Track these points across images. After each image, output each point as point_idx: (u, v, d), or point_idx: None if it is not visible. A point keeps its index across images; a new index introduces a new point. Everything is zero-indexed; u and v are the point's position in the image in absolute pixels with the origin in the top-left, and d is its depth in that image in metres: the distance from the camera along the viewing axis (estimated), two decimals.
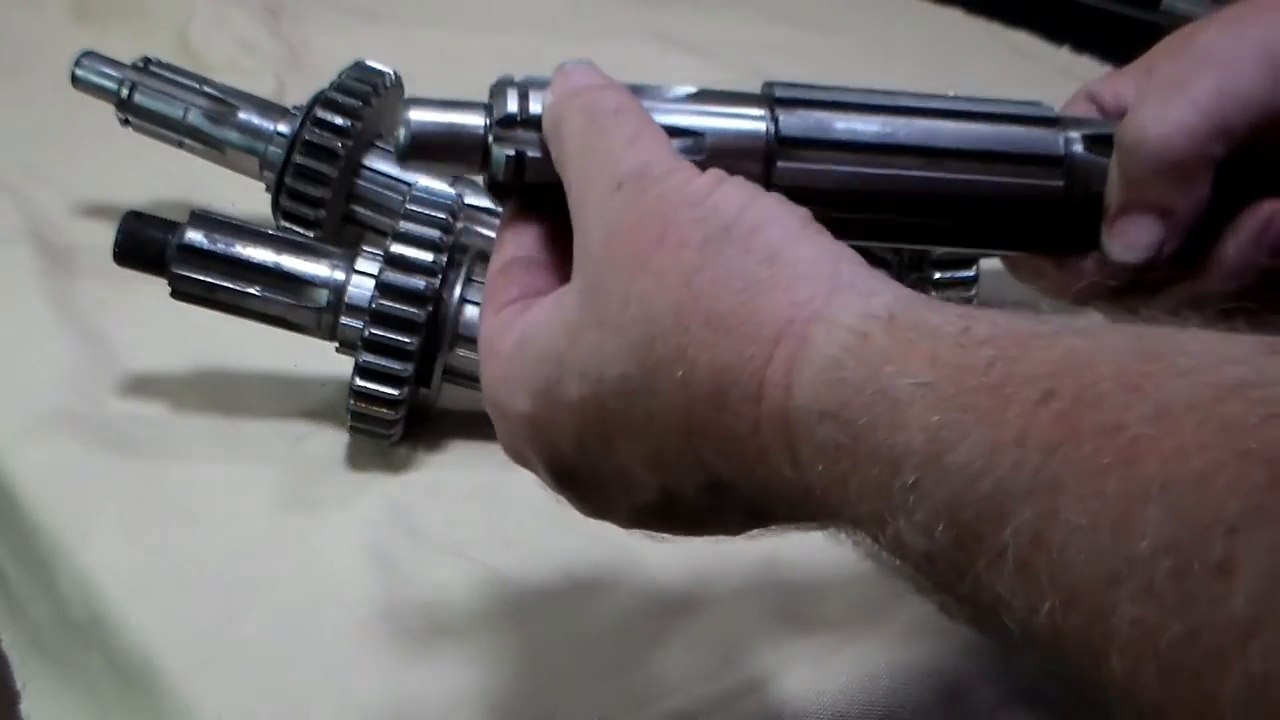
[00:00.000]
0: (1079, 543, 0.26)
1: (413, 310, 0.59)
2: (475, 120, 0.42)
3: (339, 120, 0.72)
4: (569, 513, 0.42)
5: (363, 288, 0.60)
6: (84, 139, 0.86)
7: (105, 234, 0.61)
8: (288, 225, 0.73)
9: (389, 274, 0.59)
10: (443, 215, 0.61)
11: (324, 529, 0.58)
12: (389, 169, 0.75)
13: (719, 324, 0.34)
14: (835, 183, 0.43)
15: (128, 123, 0.78)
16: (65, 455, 0.60)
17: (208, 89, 0.77)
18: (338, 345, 0.62)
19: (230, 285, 0.61)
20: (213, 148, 0.77)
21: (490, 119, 0.42)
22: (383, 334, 0.58)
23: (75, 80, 0.78)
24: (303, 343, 0.63)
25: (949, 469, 0.29)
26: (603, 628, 0.53)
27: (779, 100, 0.43)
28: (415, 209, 0.61)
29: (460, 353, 0.62)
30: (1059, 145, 0.45)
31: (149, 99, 0.77)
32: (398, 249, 0.59)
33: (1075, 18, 1.30)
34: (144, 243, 0.61)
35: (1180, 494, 0.25)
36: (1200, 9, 0.46)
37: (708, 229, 0.35)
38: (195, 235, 0.60)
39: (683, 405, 0.35)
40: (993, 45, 1.25)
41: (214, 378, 0.68)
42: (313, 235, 0.71)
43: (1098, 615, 0.25)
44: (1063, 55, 1.21)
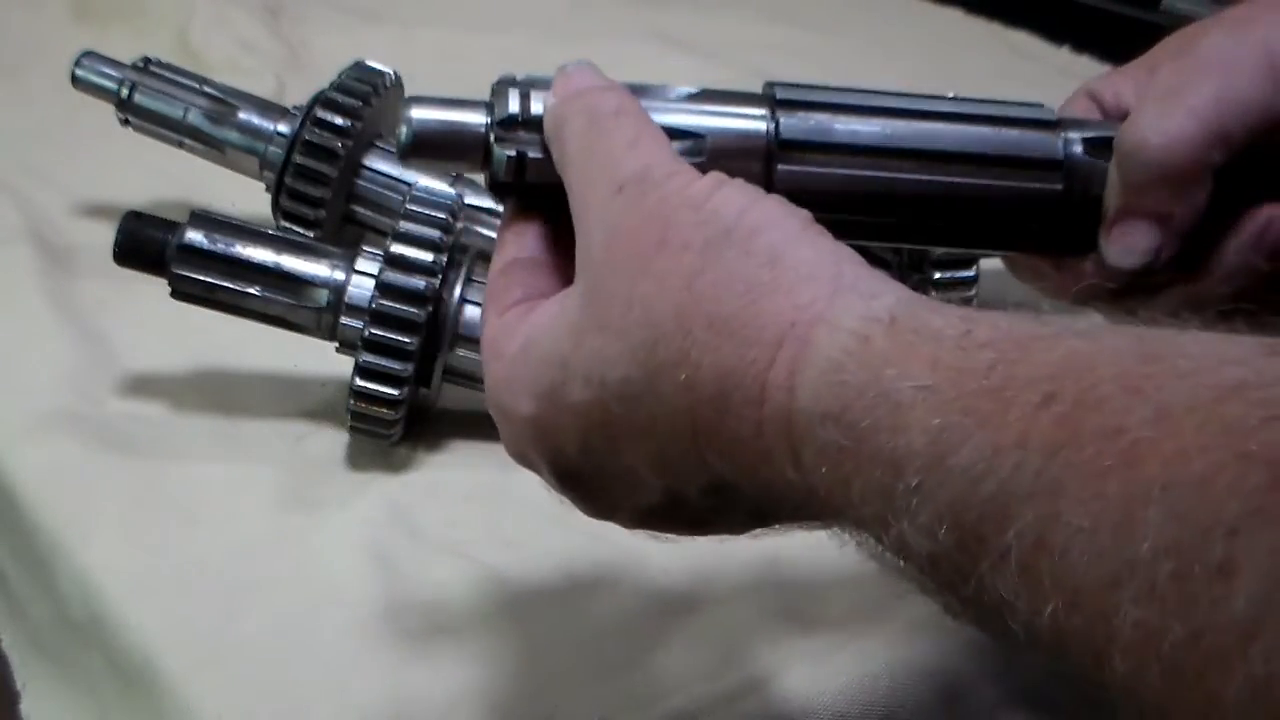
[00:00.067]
0: (1081, 545, 0.26)
1: (413, 310, 0.59)
2: (477, 119, 0.42)
3: (339, 120, 0.72)
4: (569, 512, 0.42)
5: (363, 288, 0.60)
6: (84, 139, 0.86)
7: (105, 234, 0.61)
8: (288, 225, 0.73)
9: (389, 274, 0.59)
10: (443, 215, 0.61)
11: (324, 529, 0.58)
12: (389, 169, 0.75)
13: (721, 327, 0.34)
14: (835, 185, 0.43)
15: (128, 123, 0.78)
16: (65, 455, 0.60)
17: (208, 89, 0.77)
18: (338, 345, 0.62)
19: (230, 285, 0.61)
20: (213, 148, 0.77)
21: (492, 118, 0.42)
22: (383, 334, 0.58)
23: (75, 80, 0.78)
24: (303, 343, 0.63)
25: (951, 471, 0.29)
26: (603, 628, 0.53)
27: (780, 102, 0.43)
28: (415, 209, 0.61)
29: (460, 353, 0.62)
30: (1058, 148, 0.45)
31: (149, 99, 0.77)
32: (398, 249, 0.59)
33: (1075, 18, 1.30)
34: (144, 243, 0.61)
35: (1181, 496, 0.25)
36: (1201, 9, 0.46)
37: (709, 232, 0.35)
38: (195, 235, 0.60)
39: (686, 408, 0.35)
40: (993, 45, 1.25)
41: (214, 378, 0.68)
42: (313, 235, 0.71)
43: (1100, 617, 0.26)
44: (1063, 55, 1.21)
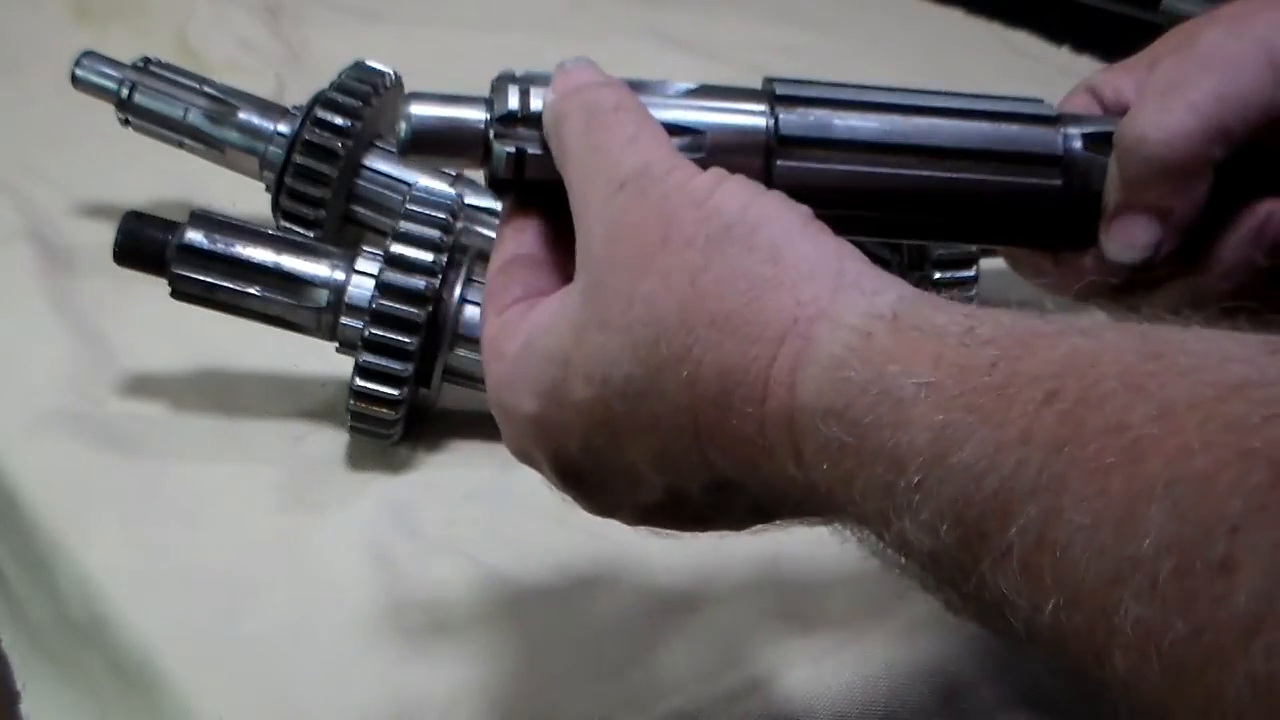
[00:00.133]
0: (1083, 542, 0.26)
1: (413, 310, 0.59)
2: (476, 115, 0.42)
3: (339, 120, 0.72)
4: (569, 511, 0.41)
5: (363, 288, 0.60)
6: (84, 139, 0.86)
7: (105, 234, 0.61)
8: (288, 225, 0.73)
9: (389, 274, 0.59)
10: (443, 215, 0.61)
11: (324, 529, 0.58)
12: (389, 169, 0.75)
13: (724, 324, 0.34)
14: (835, 180, 0.43)
15: (128, 123, 0.78)
16: (65, 455, 0.60)
17: (208, 89, 0.77)
18: (338, 345, 0.62)
19: (230, 285, 0.61)
20: (213, 148, 0.77)
21: (491, 114, 0.42)
22: (383, 334, 0.58)
23: (75, 80, 0.78)
24: (303, 343, 0.63)
25: (954, 468, 0.29)
26: (603, 627, 0.53)
27: (779, 97, 0.43)
28: (415, 209, 0.61)
29: (460, 353, 0.62)
30: (1057, 144, 0.45)
31: (149, 99, 0.77)
32: (398, 249, 0.59)
33: (1075, 18, 1.30)
34: (144, 243, 0.61)
35: (1183, 493, 0.25)
36: (1200, 9, 0.46)
37: (710, 228, 0.35)
38: (195, 235, 0.60)
39: (688, 405, 0.35)
40: (993, 45, 1.25)
41: (214, 378, 0.68)
42: (313, 235, 0.71)
43: (1101, 614, 0.26)
44: (1063, 55, 1.21)
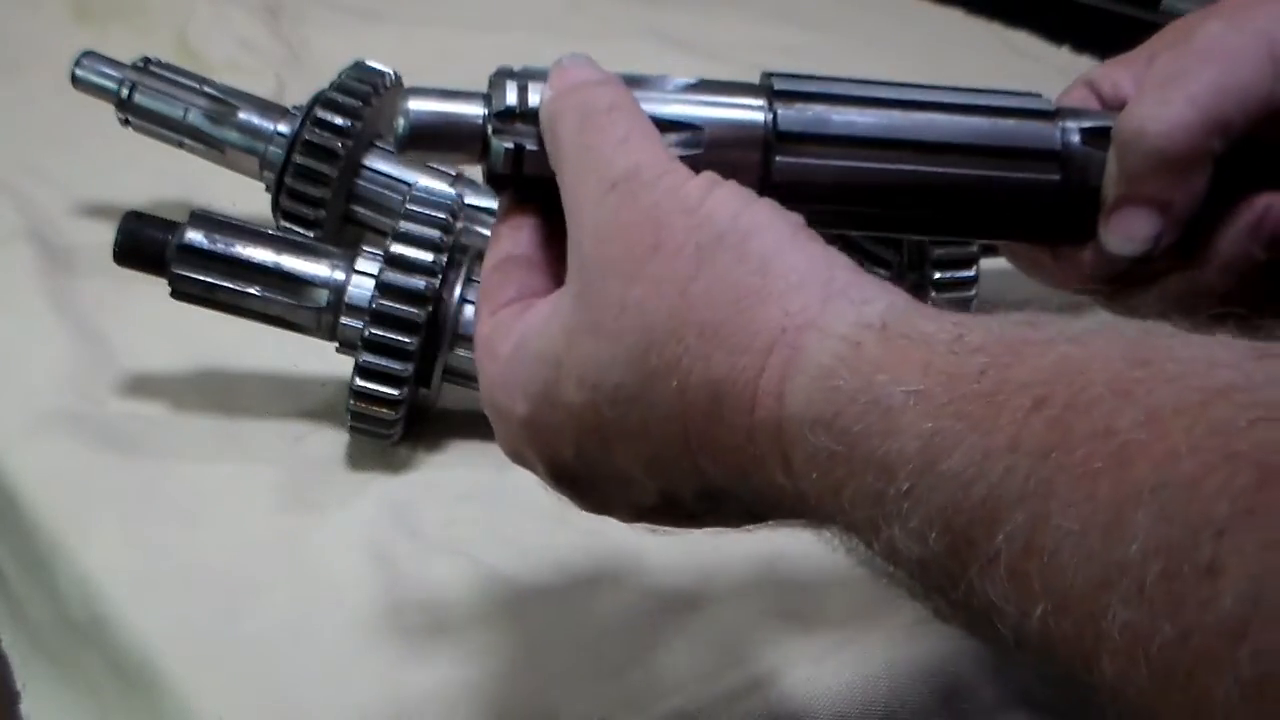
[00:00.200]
0: (1070, 547, 0.26)
1: (413, 310, 0.59)
2: (474, 111, 0.42)
3: (339, 120, 0.72)
4: (569, 511, 0.42)
5: (363, 288, 0.60)
6: (84, 139, 0.86)
7: (105, 234, 0.61)
8: (288, 225, 0.73)
9: (389, 274, 0.59)
10: (443, 215, 0.61)
11: (324, 529, 0.58)
12: (389, 169, 0.75)
13: (713, 335, 0.34)
14: (833, 176, 0.43)
15: (128, 123, 0.78)
16: (65, 455, 0.60)
17: (208, 89, 0.77)
18: (338, 345, 0.62)
19: (230, 285, 0.61)
20: (213, 148, 0.77)
21: (489, 110, 0.42)
22: (383, 334, 0.58)
23: (75, 80, 0.78)
24: (303, 343, 0.63)
25: (942, 476, 0.29)
26: (603, 627, 0.53)
27: (777, 93, 0.43)
28: (415, 209, 0.61)
29: (460, 353, 0.62)
30: (1055, 139, 0.46)
31: (149, 99, 0.77)
32: (398, 249, 0.59)
33: (1075, 18, 1.30)
34: (144, 243, 0.61)
35: (1170, 497, 0.25)
36: (1199, 9, 0.46)
37: (702, 236, 0.35)
38: (195, 235, 0.60)
39: (679, 414, 0.35)
40: (993, 45, 1.25)
41: (214, 378, 0.68)
42: (313, 235, 0.71)
43: (1089, 619, 0.26)
44: (1063, 55, 1.21)
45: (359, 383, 0.59)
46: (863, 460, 0.31)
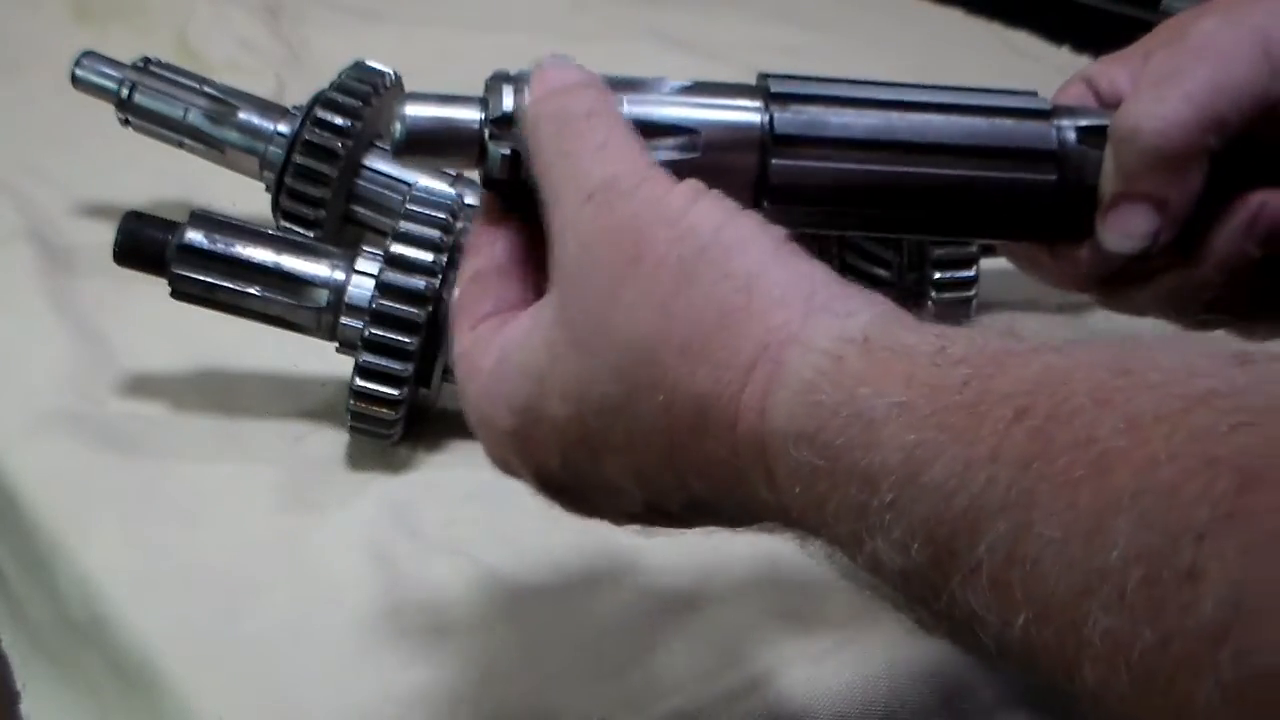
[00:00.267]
0: (1052, 555, 0.26)
1: (413, 310, 0.59)
2: (470, 115, 0.42)
3: (339, 120, 0.72)
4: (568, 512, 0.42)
5: (363, 288, 0.60)
6: (84, 139, 0.86)
7: (105, 234, 0.61)
8: (288, 225, 0.73)
9: (389, 274, 0.59)
10: (443, 215, 0.61)
11: (324, 529, 0.58)
12: (389, 169, 0.75)
13: (696, 352, 0.34)
14: (830, 178, 0.43)
15: (128, 123, 0.78)
16: (65, 455, 0.60)
17: (208, 89, 0.77)
18: (338, 345, 0.62)
19: (230, 285, 0.61)
20: (213, 148, 0.77)
21: (485, 115, 0.41)
22: (383, 334, 0.58)
23: (75, 80, 0.78)
24: (303, 343, 0.63)
25: (925, 487, 0.29)
26: (602, 627, 0.53)
27: (774, 95, 0.43)
28: (415, 209, 0.61)
29: None
30: (1052, 139, 0.46)
31: (149, 99, 0.77)
32: (398, 249, 0.59)
33: (1075, 18, 1.30)
34: (144, 243, 0.61)
35: (1151, 503, 0.25)
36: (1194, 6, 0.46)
37: (684, 249, 0.35)
38: (195, 235, 0.60)
39: (664, 428, 0.35)
40: (993, 45, 1.25)
41: (214, 378, 0.68)
42: (313, 235, 0.71)
43: (1070, 627, 0.26)
44: (1063, 55, 1.21)
45: (359, 383, 0.59)
46: (845, 473, 0.31)
